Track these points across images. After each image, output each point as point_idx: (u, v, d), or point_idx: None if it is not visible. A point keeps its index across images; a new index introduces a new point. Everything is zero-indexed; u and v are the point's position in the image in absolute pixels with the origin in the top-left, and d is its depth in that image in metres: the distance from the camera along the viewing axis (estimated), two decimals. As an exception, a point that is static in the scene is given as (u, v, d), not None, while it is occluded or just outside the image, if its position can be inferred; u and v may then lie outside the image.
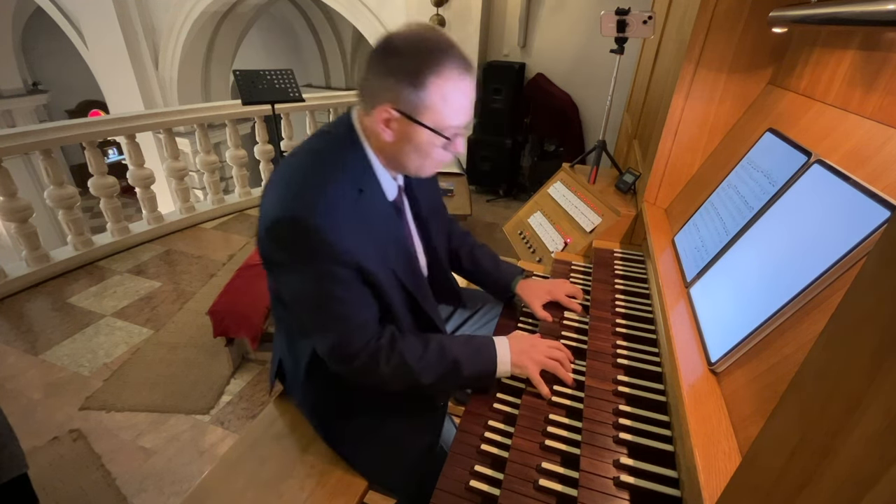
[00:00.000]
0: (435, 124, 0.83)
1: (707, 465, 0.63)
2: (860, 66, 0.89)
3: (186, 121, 3.58)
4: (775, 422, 0.42)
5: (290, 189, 0.84)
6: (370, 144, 0.90)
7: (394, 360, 0.91)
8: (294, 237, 0.82)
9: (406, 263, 0.98)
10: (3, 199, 2.64)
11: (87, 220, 5.92)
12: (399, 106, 0.81)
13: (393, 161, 0.91)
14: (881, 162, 0.74)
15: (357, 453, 1.05)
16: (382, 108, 0.82)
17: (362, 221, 0.87)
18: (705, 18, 1.24)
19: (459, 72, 0.81)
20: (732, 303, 0.84)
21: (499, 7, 4.37)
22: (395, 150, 0.87)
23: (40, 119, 8.07)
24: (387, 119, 0.83)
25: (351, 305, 0.88)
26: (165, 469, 1.73)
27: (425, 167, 0.91)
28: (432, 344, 0.96)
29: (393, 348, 0.92)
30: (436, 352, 0.94)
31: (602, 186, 1.80)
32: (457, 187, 3.31)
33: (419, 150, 0.86)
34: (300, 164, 0.88)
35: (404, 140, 0.85)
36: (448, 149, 0.88)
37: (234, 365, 2.23)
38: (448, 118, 0.83)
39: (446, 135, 0.84)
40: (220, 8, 5.55)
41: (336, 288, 0.85)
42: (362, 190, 0.88)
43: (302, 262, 0.84)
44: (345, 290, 0.86)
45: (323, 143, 0.91)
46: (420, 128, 0.83)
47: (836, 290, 0.66)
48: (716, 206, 1.10)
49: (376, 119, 0.84)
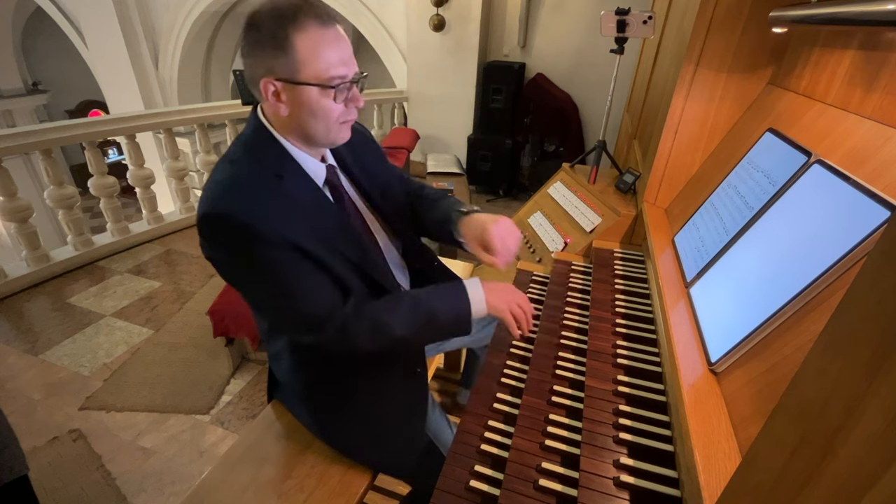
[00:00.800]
0: (315, 79, 0.82)
1: (707, 465, 0.63)
2: (860, 66, 0.89)
3: (186, 121, 3.57)
4: (775, 422, 0.42)
5: (210, 191, 0.84)
6: (278, 130, 0.89)
7: (365, 322, 0.90)
8: (222, 232, 0.82)
9: (356, 245, 0.95)
10: (3, 199, 2.64)
11: (87, 220, 5.91)
12: (277, 75, 0.81)
13: (302, 136, 0.89)
14: (881, 162, 0.74)
15: (351, 442, 1.06)
16: (265, 83, 0.81)
17: (290, 205, 0.86)
18: (705, 18, 1.24)
19: (318, 23, 0.80)
20: (732, 303, 0.84)
21: (499, 7, 4.37)
22: (296, 121, 0.86)
23: (40, 119, 8.08)
24: (274, 92, 0.82)
25: (298, 281, 0.86)
26: (165, 469, 1.73)
27: (332, 130, 0.88)
28: (405, 298, 0.95)
29: (361, 311, 0.90)
30: (408, 304, 0.93)
31: (602, 186, 1.81)
32: (457, 187, 3.31)
33: (314, 112, 0.84)
34: (216, 170, 0.88)
35: (297, 107, 0.84)
36: (343, 101, 0.86)
37: (234, 365, 2.23)
38: (325, 70, 0.81)
39: (331, 84, 0.83)
40: (220, 8, 5.56)
41: (280, 272, 0.85)
42: (280, 175, 0.87)
43: (237, 252, 0.84)
44: (289, 272, 0.85)
45: (235, 146, 0.91)
46: (305, 87, 0.81)
47: (836, 290, 0.66)
48: (716, 206, 1.10)
49: (266, 98, 0.83)
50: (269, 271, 0.85)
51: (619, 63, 1.70)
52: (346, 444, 1.07)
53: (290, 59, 0.79)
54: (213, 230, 0.83)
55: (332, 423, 1.07)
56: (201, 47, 5.94)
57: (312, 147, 0.93)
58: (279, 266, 0.85)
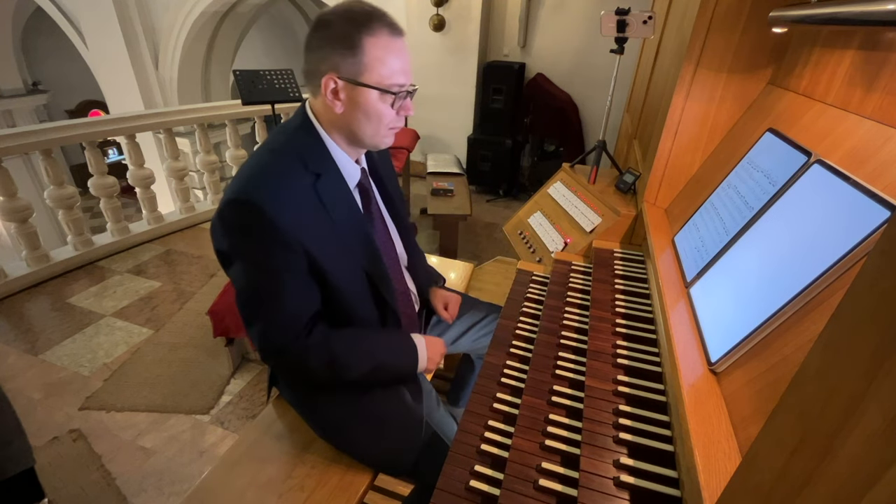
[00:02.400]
0: (377, 83, 0.85)
1: (707, 465, 0.63)
2: (860, 66, 0.89)
3: (186, 121, 3.57)
4: (775, 422, 0.42)
5: (245, 176, 0.85)
6: (325, 128, 0.91)
7: (326, 355, 0.93)
8: (239, 219, 0.83)
9: (371, 251, 0.98)
10: (3, 199, 2.64)
11: (87, 220, 5.90)
12: (341, 73, 0.83)
13: (349, 135, 0.92)
14: (881, 162, 0.74)
15: (351, 440, 1.06)
16: (327, 79, 0.84)
17: (318, 206, 0.87)
18: (705, 18, 1.24)
19: (390, 31, 0.84)
20: (732, 303, 0.84)
21: (499, 7, 4.37)
22: (348, 120, 0.88)
23: (40, 119, 8.07)
24: (333, 89, 0.85)
25: (288, 293, 0.87)
26: (165, 469, 1.73)
27: (379, 134, 0.92)
28: (364, 342, 0.99)
29: (327, 342, 0.93)
30: (366, 350, 1.00)
31: (602, 186, 1.80)
32: (457, 187, 3.30)
33: (369, 114, 0.87)
34: (257, 157, 0.89)
35: (353, 107, 0.86)
36: (397, 109, 0.90)
37: (234, 365, 2.23)
38: (388, 77, 0.85)
39: (391, 90, 0.86)
40: (220, 8, 5.55)
41: (276, 273, 0.85)
42: (319, 174, 0.88)
43: (245, 243, 0.84)
44: (284, 277, 0.86)
45: (279, 135, 0.92)
46: (365, 90, 0.84)
47: (836, 290, 0.66)
48: (716, 206, 1.10)
49: (324, 94, 0.85)
50: (268, 269, 0.85)
51: (619, 63, 1.70)
52: (346, 442, 1.07)
53: (357, 61, 0.82)
54: (233, 213, 0.83)
55: (331, 421, 1.08)
56: (201, 47, 5.94)
57: (354, 147, 0.95)
58: (279, 269, 0.85)
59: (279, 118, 3.76)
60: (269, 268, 0.85)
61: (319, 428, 1.10)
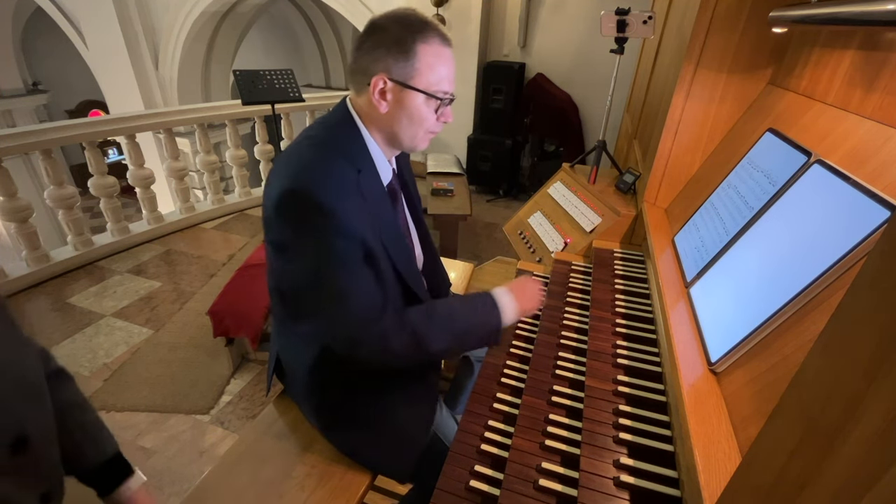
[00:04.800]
0: (425, 87, 0.88)
1: (707, 466, 0.63)
2: (860, 66, 0.89)
3: (186, 121, 3.57)
4: (775, 422, 0.42)
5: (294, 168, 0.86)
6: (365, 125, 0.94)
7: (406, 333, 0.91)
8: (301, 210, 0.83)
9: (401, 247, 0.99)
10: (3, 199, 2.64)
11: (87, 220, 5.90)
12: (392, 75, 0.86)
13: (389, 135, 0.94)
14: (881, 162, 0.74)
15: (364, 446, 1.06)
16: (377, 79, 0.86)
17: (362, 201, 0.89)
18: (705, 18, 1.24)
19: (441, 41, 0.88)
20: (732, 303, 0.84)
21: (499, 7, 4.36)
22: (391, 120, 0.91)
23: (40, 119, 8.07)
24: (382, 90, 0.87)
25: (356, 282, 0.88)
26: (165, 469, 1.73)
27: (418, 137, 0.95)
28: (439, 311, 0.97)
29: (403, 320, 0.92)
30: (444, 318, 0.96)
31: (602, 186, 1.80)
32: (457, 187, 3.30)
33: (412, 117, 0.90)
34: (301, 149, 0.90)
35: (399, 108, 0.89)
36: (439, 115, 0.93)
37: (234, 365, 2.23)
38: (435, 83, 0.89)
39: (437, 96, 0.90)
40: (220, 8, 5.55)
41: (341, 263, 0.86)
42: (360, 170, 0.90)
43: (308, 235, 0.85)
44: (350, 266, 0.87)
45: (320, 129, 0.94)
46: (413, 93, 0.88)
47: (836, 290, 0.66)
48: (716, 206, 1.10)
49: (371, 93, 0.88)
50: (333, 261, 0.85)
51: (619, 63, 1.70)
52: (348, 443, 1.07)
53: (409, 65, 0.86)
54: (292, 204, 0.83)
55: (337, 421, 1.07)
56: (201, 47, 5.93)
57: (391, 148, 0.98)
58: (343, 259, 0.86)
59: (279, 118, 3.76)
60: (333, 258, 0.85)
61: (322, 427, 1.10)
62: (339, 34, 8.35)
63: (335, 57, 8.69)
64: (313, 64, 8.94)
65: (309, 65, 8.99)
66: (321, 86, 9.07)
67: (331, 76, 9.01)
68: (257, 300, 2.10)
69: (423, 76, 0.87)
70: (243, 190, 4.02)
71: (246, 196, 4.05)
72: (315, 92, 5.87)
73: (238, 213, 3.96)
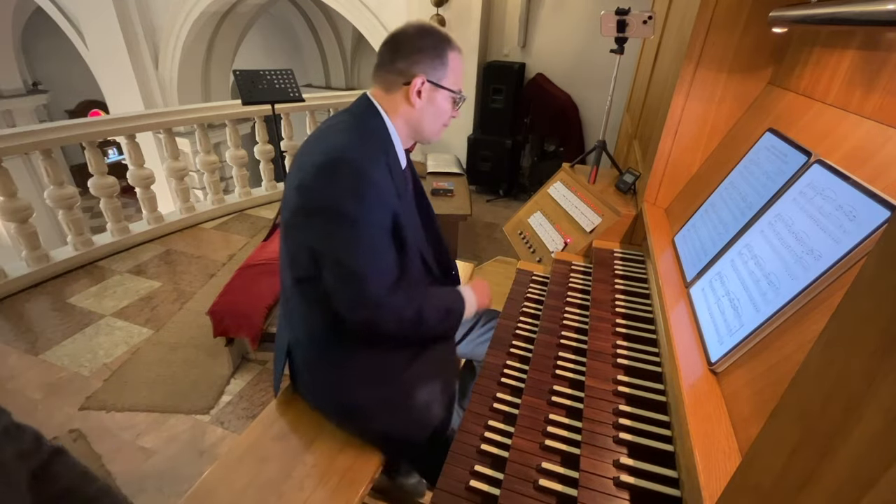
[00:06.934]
0: (451, 87, 1.06)
1: (707, 465, 0.63)
2: (860, 66, 0.89)
3: (186, 121, 3.57)
4: (775, 422, 0.42)
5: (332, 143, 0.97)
6: (390, 115, 1.06)
7: (411, 312, 1.04)
8: (344, 173, 0.93)
9: (416, 228, 1.13)
10: (3, 199, 2.64)
11: (87, 220, 5.90)
12: (429, 76, 1.03)
13: (414, 126, 1.08)
14: (881, 162, 0.74)
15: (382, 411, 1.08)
16: (417, 80, 1.01)
17: (390, 179, 1.00)
18: (705, 18, 1.24)
19: (459, 51, 1.07)
20: (732, 303, 0.84)
21: (499, 7, 4.36)
22: (420, 115, 1.06)
23: (40, 119, 8.07)
24: (418, 89, 1.02)
25: (382, 247, 1.00)
26: (165, 469, 1.73)
27: (437, 129, 1.11)
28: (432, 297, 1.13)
29: (410, 300, 1.05)
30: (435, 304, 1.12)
31: (602, 186, 1.80)
32: (457, 187, 3.30)
33: (438, 112, 1.07)
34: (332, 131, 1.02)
35: (429, 104, 1.05)
36: (454, 112, 1.11)
37: (234, 365, 2.23)
38: (456, 83, 1.07)
39: (458, 94, 1.08)
40: (220, 8, 5.55)
41: (372, 228, 0.97)
42: (386, 152, 1.02)
43: (349, 199, 0.93)
44: (378, 233, 0.98)
45: (347, 116, 1.05)
46: (442, 91, 1.05)
47: (836, 290, 0.66)
48: (716, 206, 1.10)
49: (410, 90, 1.02)
50: (365, 227, 0.95)
51: (619, 63, 1.70)
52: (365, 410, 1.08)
53: (443, 68, 1.03)
54: (335, 169, 0.93)
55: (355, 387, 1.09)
56: (201, 47, 5.93)
57: (412, 138, 1.12)
58: (374, 227, 0.97)
59: (279, 118, 3.76)
60: (367, 224, 0.95)
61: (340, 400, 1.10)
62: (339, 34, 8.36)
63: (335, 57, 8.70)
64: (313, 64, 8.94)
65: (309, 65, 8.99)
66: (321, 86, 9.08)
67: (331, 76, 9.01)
68: (257, 300, 2.10)
69: (450, 78, 1.05)
70: (243, 190, 4.02)
71: (246, 196, 4.04)
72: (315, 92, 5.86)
73: (238, 213, 3.96)
